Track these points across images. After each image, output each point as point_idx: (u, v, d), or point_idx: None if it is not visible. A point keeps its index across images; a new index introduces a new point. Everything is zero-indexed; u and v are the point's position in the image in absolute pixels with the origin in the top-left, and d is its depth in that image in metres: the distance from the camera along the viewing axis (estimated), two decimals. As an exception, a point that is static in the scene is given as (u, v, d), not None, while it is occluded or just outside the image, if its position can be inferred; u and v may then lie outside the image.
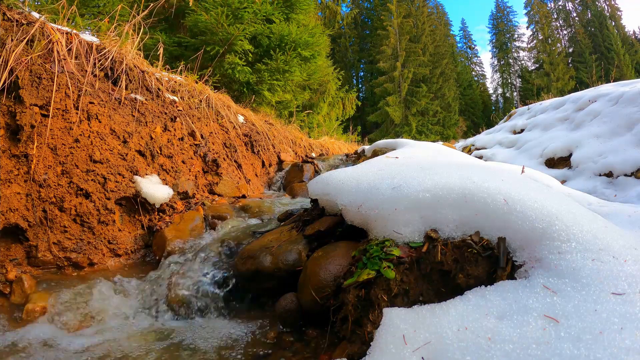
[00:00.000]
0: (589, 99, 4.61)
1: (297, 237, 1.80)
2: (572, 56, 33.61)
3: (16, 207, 1.84)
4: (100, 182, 2.13)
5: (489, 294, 0.98)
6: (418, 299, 1.15)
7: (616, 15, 33.46)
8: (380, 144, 3.85)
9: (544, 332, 0.81)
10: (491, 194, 1.20)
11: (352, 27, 30.76)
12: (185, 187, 2.61)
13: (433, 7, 33.53)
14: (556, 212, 1.09)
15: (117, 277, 1.97)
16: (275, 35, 5.09)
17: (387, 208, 1.34)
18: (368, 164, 1.92)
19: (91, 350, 1.40)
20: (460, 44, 41.67)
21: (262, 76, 4.98)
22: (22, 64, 1.90)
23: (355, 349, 1.12)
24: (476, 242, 1.15)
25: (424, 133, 25.63)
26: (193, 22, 4.41)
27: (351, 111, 11.33)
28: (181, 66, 3.42)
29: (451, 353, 0.83)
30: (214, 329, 1.58)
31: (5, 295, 1.75)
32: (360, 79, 33.72)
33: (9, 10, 2.03)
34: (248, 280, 1.73)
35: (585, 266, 0.93)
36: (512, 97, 39.15)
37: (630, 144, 3.40)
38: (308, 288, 1.43)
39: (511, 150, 5.21)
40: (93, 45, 2.35)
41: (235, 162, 3.34)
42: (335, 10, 17.82)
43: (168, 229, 2.26)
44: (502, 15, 39.83)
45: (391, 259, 1.22)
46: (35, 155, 1.90)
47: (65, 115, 2.05)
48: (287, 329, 1.50)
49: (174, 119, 2.76)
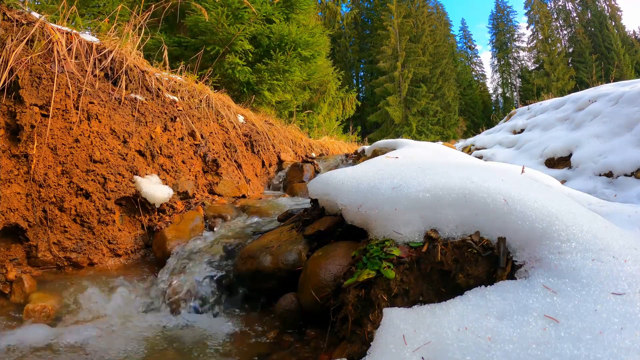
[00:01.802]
0: (589, 99, 4.61)
1: (297, 237, 1.80)
2: (572, 56, 33.61)
3: (16, 207, 1.84)
4: (100, 182, 2.13)
5: (489, 294, 0.98)
6: (418, 299, 1.15)
7: (616, 15, 33.46)
8: (380, 144, 3.85)
9: (544, 332, 0.81)
10: (491, 194, 1.20)
11: (352, 27, 30.76)
12: (185, 187, 2.61)
13: (433, 7, 33.56)
14: (556, 212, 1.09)
15: (117, 277, 1.97)
16: (275, 35, 5.09)
17: (387, 208, 1.34)
18: (368, 164, 1.92)
19: (91, 349, 1.40)
20: (460, 44, 41.71)
21: (262, 76, 4.97)
22: (22, 64, 1.90)
23: (355, 349, 1.12)
24: (476, 242, 1.14)
25: (424, 133, 25.62)
26: (193, 22, 4.41)
27: (351, 111, 11.33)
28: (181, 66, 3.42)
29: (451, 353, 0.83)
30: (213, 329, 1.58)
31: (5, 295, 1.75)
32: (360, 79, 33.73)
33: (9, 10, 2.03)
34: (248, 280, 1.73)
35: (585, 266, 0.93)
36: (512, 97, 39.15)
37: (630, 144, 3.40)
38: (308, 288, 1.43)
39: (511, 150, 5.21)
40: (93, 45, 2.35)
41: (235, 162, 3.34)
42: (335, 10, 17.83)
43: (168, 229, 2.26)
44: (502, 15, 39.83)
45: (391, 259, 1.22)
46: (35, 155, 1.90)
47: (65, 115, 2.05)
48: (287, 329, 1.50)
49: (174, 119, 2.76)
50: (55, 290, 1.78)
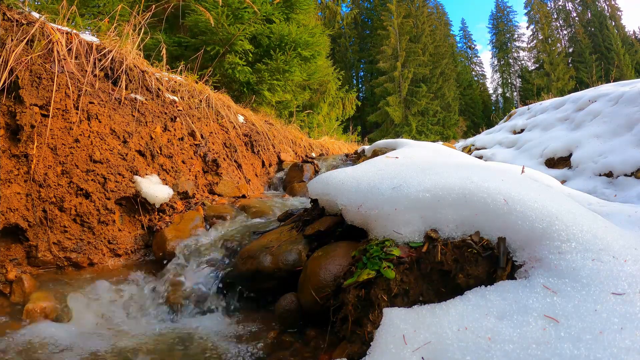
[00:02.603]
0: (589, 99, 4.61)
1: (297, 237, 1.80)
2: (572, 56, 33.61)
3: (16, 207, 1.84)
4: (100, 182, 2.13)
5: (489, 294, 0.98)
6: (418, 299, 1.15)
7: (616, 15, 33.47)
8: (380, 144, 3.85)
9: (544, 332, 0.81)
10: (491, 194, 1.20)
11: (352, 27, 30.77)
12: (185, 187, 2.61)
13: (433, 7, 33.58)
14: (556, 212, 1.09)
15: (117, 277, 1.97)
16: (275, 35, 5.09)
17: (387, 208, 1.34)
18: (368, 164, 1.92)
19: (91, 349, 1.40)
20: (460, 44, 41.72)
21: (262, 76, 4.97)
22: (22, 64, 1.90)
23: (355, 349, 1.12)
24: (476, 242, 1.14)
25: (424, 133, 25.63)
26: (193, 22, 4.41)
27: (351, 111, 11.34)
28: (181, 66, 3.42)
29: (451, 353, 0.83)
30: (213, 329, 1.58)
31: (5, 295, 1.75)
32: (360, 79, 33.73)
33: (9, 10, 2.03)
34: (248, 280, 1.73)
35: (585, 266, 0.93)
36: (512, 97, 39.15)
37: (631, 144, 3.40)
38: (308, 288, 1.43)
39: (511, 150, 5.21)
40: (93, 45, 2.35)
41: (235, 162, 3.34)
42: (335, 10, 17.84)
43: (168, 229, 2.26)
44: (502, 15, 39.84)
45: (391, 259, 1.22)
46: (35, 155, 1.90)
47: (65, 115, 2.05)
48: (287, 329, 1.50)
49: (174, 119, 2.76)
50: (55, 291, 1.78)
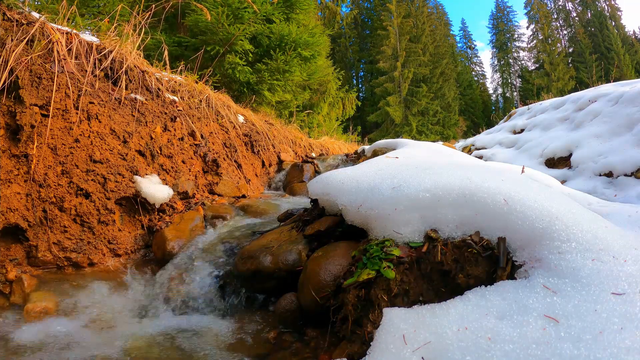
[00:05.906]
0: (589, 99, 4.61)
1: (297, 237, 1.80)
2: (572, 56, 33.61)
3: (16, 207, 1.84)
4: (100, 182, 2.13)
5: (489, 294, 0.98)
6: (418, 299, 1.15)
7: (616, 15, 33.45)
8: (380, 144, 3.85)
9: (544, 332, 0.81)
10: (491, 194, 1.20)
11: (352, 27, 30.77)
12: (185, 187, 2.61)
13: (433, 7, 33.59)
14: (556, 212, 1.09)
15: (117, 277, 1.97)
16: (275, 35, 5.09)
17: (387, 208, 1.34)
18: (368, 164, 1.92)
19: (91, 349, 1.40)
20: (460, 44, 41.73)
21: (262, 76, 4.97)
22: (22, 64, 1.90)
23: (355, 349, 1.12)
24: (476, 242, 1.14)
25: (424, 133, 25.63)
26: (193, 22, 4.41)
27: (351, 111, 11.34)
28: (181, 66, 3.42)
29: (451, 353, 0.83)
30: (213, 329, 1.58)
31: (5, 295, 1.75)
32: (360, 79, 33.73)
33: (9, 10, 2.03)
34: (248, 280, 1.73)
35: (585, 266, 0.93)
36: (512, 97, 39.14)
37: (631, 144, 3.39)
38: (308, 288, 1.43)
39: (511, 150, 5.21)
40: (93, 45, 2.35)
41: (235, 162, 3.34)
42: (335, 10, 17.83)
43: (168, 229, 2.26)
44: (502, 15, 39.83)
45: (391, 259, 1.22)
46: (35, 155, 1.90)
47: (65, 115, 2.05)
48: (287, 329, 1.50)
49: (174, 119, 2.76)
50: (55, 290, 1.78)
